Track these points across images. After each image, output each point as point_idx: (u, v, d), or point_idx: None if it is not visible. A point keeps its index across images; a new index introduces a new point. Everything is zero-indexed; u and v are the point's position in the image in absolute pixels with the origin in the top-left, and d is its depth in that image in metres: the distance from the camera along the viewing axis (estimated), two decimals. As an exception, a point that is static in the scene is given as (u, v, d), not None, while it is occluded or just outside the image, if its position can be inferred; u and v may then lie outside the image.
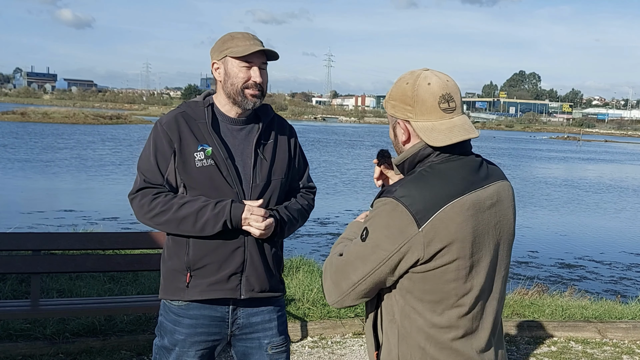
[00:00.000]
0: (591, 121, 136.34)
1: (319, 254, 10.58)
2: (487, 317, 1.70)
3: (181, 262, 2.31)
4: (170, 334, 2.35)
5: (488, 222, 1.66)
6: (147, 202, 2.26)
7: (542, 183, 25.23)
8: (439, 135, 1.66)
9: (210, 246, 2.28)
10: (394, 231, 1.58)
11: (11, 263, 4.28)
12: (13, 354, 4.01)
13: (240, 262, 2.31)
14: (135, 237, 4.50)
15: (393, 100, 1.74)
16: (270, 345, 2.42)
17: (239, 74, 2.28)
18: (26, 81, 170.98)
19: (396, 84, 1.75)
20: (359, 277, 1.64)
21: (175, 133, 2.27)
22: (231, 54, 2.27)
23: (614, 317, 5.62)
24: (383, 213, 1.61)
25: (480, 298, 1.67)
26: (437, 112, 1.68)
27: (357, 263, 1.64)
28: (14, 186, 17.05)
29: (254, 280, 2.34)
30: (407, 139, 1.73)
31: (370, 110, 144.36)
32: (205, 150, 2.26)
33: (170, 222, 2.24)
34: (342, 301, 1.70)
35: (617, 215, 17.86)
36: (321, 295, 5.32)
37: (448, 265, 1.59)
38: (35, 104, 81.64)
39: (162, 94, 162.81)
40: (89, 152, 28.12)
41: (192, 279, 2.30)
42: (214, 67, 2.35)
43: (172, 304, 2.35)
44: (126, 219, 12.47)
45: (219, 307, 2.34)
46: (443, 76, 1.72)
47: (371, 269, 1.62)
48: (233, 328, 2.38)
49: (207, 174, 2.26)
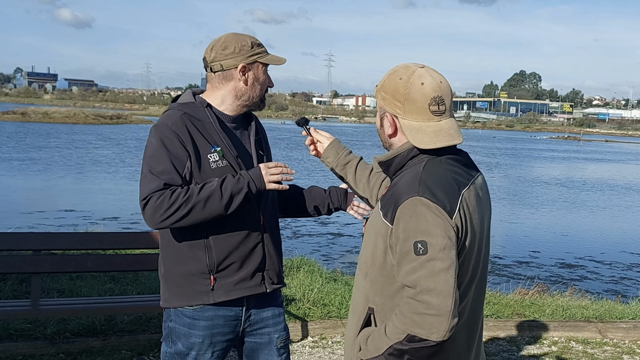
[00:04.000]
0: (592, 121, 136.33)
1: (319, 254, 10.59)
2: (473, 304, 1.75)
3: (202, 265, 2.26)
4: (185, 338, 2.31)
5: (482, 209, 1.74)
6: (167, 197, 2.14)
7: (543, 183, 25.21)
8: (424, 137, 1.68)
9: (232, 245, 2.28)
10: (440, 228, 1.57)
11: (11, 263, 4.28)
12: (13, 353, 4.01)
13: (260, 257, 2.34)
14: (136, 237, 4.50)
15: (384, 92, 1.75)
16: (280, 339, 2.45)
17: (264, 78, 2.36)
18: (27, 81, 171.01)
19: (390, 76, 1.76)
20: (453, 282, 1.56)
21: (186, 135, 2.21)
22: (263, 60, 2.32)
23: (614, 317, 5.62)
24: (420, 217, 1.58)
25: (470, 286, 1.72)
26: (426, 113, 1.69)
27: (442, 275, 1.55)
28: (13, 186, 17.05)
29: (272, 274, 2.39)
30: (393, 133, 1.76)
31: (370, 110, 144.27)
32: (217, 151, 2.26)
33: (196, 206, 2.14)
34: (454, 311, 1.57)
35: (617, 215, 17.85)
36: (321, 295, 5.32)
37: (465, 253, 1.65)
38: (36, 104, 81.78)
39: (163, 94, 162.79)
40: (89, 152, 28.12)
41: (216, 281, 2.27)
42: (241, 70, 2.30)
43: (185, 308, 2.31)
44: (127, 219, 12.49)
45: (234, 307, 2.34)
46: (437, 76, 1.72)
47: (454, 267, 1.57)
48: (245, 325, 2.39)
49: (223, 174, 2.25)
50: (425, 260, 1.55)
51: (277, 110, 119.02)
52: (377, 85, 1.81)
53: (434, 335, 1.53)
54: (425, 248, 1.55)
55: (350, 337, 1.79)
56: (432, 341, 1.54)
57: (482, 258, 1.77)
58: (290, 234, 12.13)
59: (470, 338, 1.75)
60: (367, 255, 1.76)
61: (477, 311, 1.78)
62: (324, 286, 5.53)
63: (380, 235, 1.68)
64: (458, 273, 1.59)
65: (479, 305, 1.80)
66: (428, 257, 1.55)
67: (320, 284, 5.58)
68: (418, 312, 1.55)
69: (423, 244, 1.55)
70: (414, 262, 1.57)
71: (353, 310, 1.83)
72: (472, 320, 1.74)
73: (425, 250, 1.55)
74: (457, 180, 1.67)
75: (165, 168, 2.18)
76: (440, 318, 1.53)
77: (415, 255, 1.56)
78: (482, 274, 1.79)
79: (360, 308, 1.77)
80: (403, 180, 1.69)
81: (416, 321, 1.55)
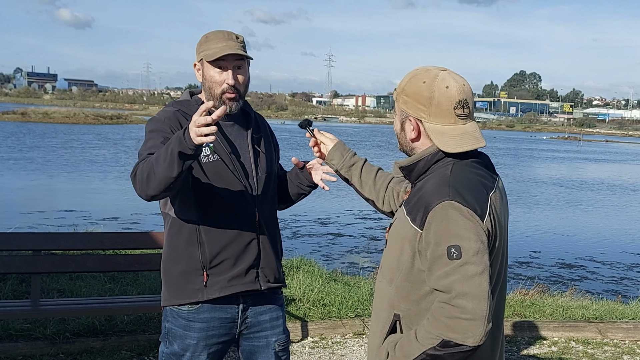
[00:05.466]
0: (592, 121, 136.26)
1: (319, 254, 10.58)
2: (496, 308, 1.74)
3: (195, 262, 2.27)
4: (181, 339, 2.31)
5: (505, 212, 1.76)
6: (141, 166, 2.10)
7: (543, 183, 25.22)
8: (450, 141, 1.67)
9: (225, 241, 2.27)
10: (472, 232, 1.57)
11: (11, 263, 4.28)
12: (13, 354, 4.01)
13: (255, 254, 2.32)
14: (136, 237, 4.50)
15: (406, 96, 1.73)
16: (278, 342, 2.43)
17: (214, 76, 2.27)
18: (27, 81, 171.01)
19: (411, 79, 1.73)
20: (487, 286, 1.57)
21: (178, 129, 2.23)
22: (205, 58, 2.26)
23: (614, 317, 5.62)
24: (452, 221, 1.57)
25: (496, 289, 1.72)
26: (452, 116, 1.68)
27: (476, 279, 1.55)
28: (13, 186, 17.05)
29: (268, 272, 2.36)
30: (417, 137, 1.74)
31: (370, 110, 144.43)
32: (208, 146, 2.25)
33: (152, 171, 2.04)
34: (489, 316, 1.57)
35: (618, 215, 17.85)
36: (321, 295, 5.32)
37: (494, 256, 1.66)
38: (36, 104, 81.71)
39: (163, 94, 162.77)
40: (90, 152, 28.13)
41: (209, 278, 2.27)
42: (195, 69, 2.35)
43: (182, 309, 2.31)
44: (126, 219, 12.48)
45: (229, 308, 2.32)
46: (460, 79, 1.71)
47: (487, 271, 1.58)
48: (242, 327, 2.38)
49: (214, 169, 2.26)
50: (459, 264, 1.54)
51: (277, 110, 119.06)
52: (395, 89, 1.79)
53: (470, 340, 1.52)
54: (459, 252, 1.55)
55: (375, 345, 1.76)
56: (467, 346, 1.53)
57: (505, 261, 1.77)
58: (290, 234, 12.12)
59: (494, 342, 1.74)
60: (392, 261, 1.74)
61: (499, 315, 1.77)
62: (324, 286, 5.53)
63: (407, 240, 1.66)
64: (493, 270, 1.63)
65: (501, 309, 1.80)
66: (462, 261, 1.54)
67: (320, 284, 5.58)
68: (452, 316, 1.54)
69: (457, 248, 1.55)
70: (447, 266, 1.56)
71: (376, 316, 1.80)
72: (495, 324, 1.71)
73: (459, 255, 1.55)
74: (484, 184, 1.68)
75: (154, 144, 2.18)
76: (476, 322, 1.52)
77: (449, 259, 1.56)
78: (504, 277, 1.79)
79: (384, 314, 1.75)
80: (430, 185, 1.67)
81: (450, 326, 1.53)
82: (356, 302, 5.31)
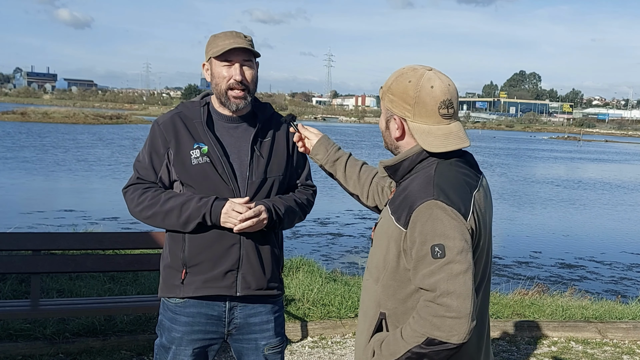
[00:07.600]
0: (591, 121, 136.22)
1: (319, 254, 10.58)
2: (481, 305, 1.76)
3: (177, 259, 2.33)
4: (168, 331, 2.36)
5: (489, 210, 1.77)
6: (137, 196, 2.31)
7: (543, 183, 25.21)
8: (435, 141, 1.68)
9: (205, 243, 2.29)
10: (457, 231, 1.58)
11: (11, 263, 4.27)
12: (13, 354, 4.01)
13: (236, 259, 2.30)
14: (135, 237, 4.49)
15: (392, 95, 1.74)
16: (267, 346, 2.41)
17: (221, 72, 2.30)
18: (26, 81, 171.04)
19: (397, 78, 1.74)
20: (471, 284, 1.57)
21: (171, 133, 2.31)
22: (213, 55, 2.30)
23: (614, 317, 5.62)
24: (436, 220, 1.58)
25: (481, 287, 1.73)
26: (436, 116, 1.69)
27: (460, 278, 1.56)
28: (13, 186, 17.04)
29: (250, 278, 2.32)
30: (401, 135, 1.76)
31: (370, 110, 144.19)
32: (201, 148, 2.29)
33: (156, 215, 2.28)
34: (474, 313, 1.58)
35: (617, 215, 17.84)
36: (321, 295, 5.32)
37: (478, 254, 1.67)
38: (36, 104, 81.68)
39: (162, 93, 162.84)
40: (89, 151, 28.12)
41: (187, 276, 2.31)
42: (204, 69, 2.39)
43: (170, 301, 2.36)
44: (126, 219, 12.46)
45: (216, 305, 2.33)
46: (445, 79, 1.72)
47: (471, 269, 1.58)
48: (230, 327, 2.38)
49: (203, 171, 2.28)
50: (443, 263, 1.55)
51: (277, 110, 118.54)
52: (382, 87, 1.80)
53: (454, 338, 1.54)
54: (442, 251, 1.56)
55: (362, 343, 1.77)
56: (452, 344, 1.54)
57: (489, 259, 1.78)
58: (290, 234, 12.12)
59: (480, 338, 1.76)
60: (378, 260, 1.74)
61: (484, 311, 1.79)
62: (323, 286, 5.53)
63: (392, 239, 1.67)
64: (478, 268, 1.64)
65: (486, 306, 1.81)
66: (446, 260, 1.55)
67: (320, 284, 5.58)
68: (437, 314, 1.55)
69: (440, 247, 1.56)
70: (431, 265, 1.57)
71: (363, 315, 1.81)
72: (480, 320, 1.73)
73: (443, 254, 1.56)
74: (468, 183, 1.68)
75: (143, 164, 2.35)
76: (460, 320, 1.53)
77: (433, 258, 1.57)
78: (489, 274, 1.80)
79: (371, 313, 1.76)
80: (415, 184, 1.67)
81: (436, 324, 1.55)
82: (356, 302, 5.30)
